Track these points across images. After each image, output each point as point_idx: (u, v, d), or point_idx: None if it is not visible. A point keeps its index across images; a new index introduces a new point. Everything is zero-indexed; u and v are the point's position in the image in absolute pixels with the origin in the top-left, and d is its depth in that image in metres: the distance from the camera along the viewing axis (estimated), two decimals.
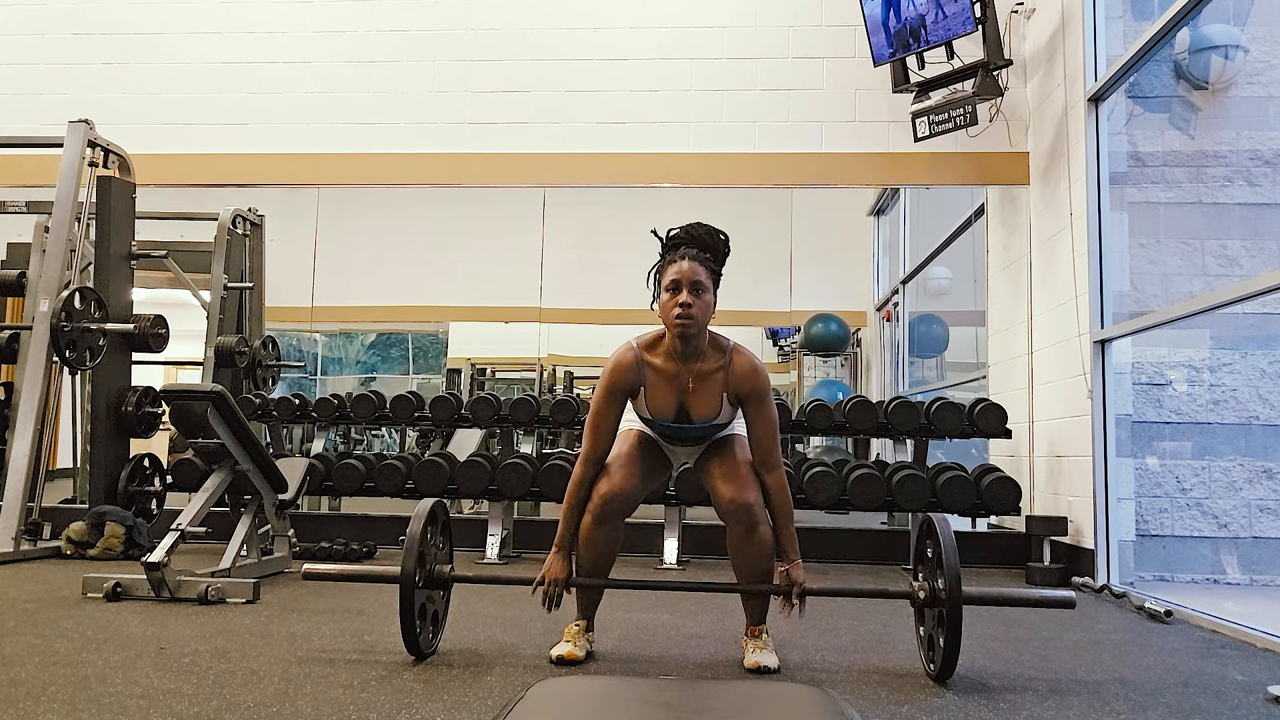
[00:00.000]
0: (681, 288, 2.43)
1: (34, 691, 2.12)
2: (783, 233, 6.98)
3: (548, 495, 4.80)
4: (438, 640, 2.67)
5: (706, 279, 2.46)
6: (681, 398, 2.55)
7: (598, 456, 2.56)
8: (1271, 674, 2.64)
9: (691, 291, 2.43)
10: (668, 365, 2.53)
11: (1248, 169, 4.54)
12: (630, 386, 2.56)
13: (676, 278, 2.44)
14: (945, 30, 4.87)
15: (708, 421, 2.57)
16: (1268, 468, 4.41)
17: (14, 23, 6.21)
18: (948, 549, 2.38)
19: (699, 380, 2.52)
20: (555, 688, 1.42)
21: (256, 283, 6.20)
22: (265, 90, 5.98)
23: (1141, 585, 4.19)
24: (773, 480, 2.54)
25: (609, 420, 2.57)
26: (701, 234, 2.51)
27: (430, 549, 2.59)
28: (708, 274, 2.46)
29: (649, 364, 2.54)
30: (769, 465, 2.54)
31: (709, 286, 2.46)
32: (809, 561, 4.97)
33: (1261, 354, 4.48)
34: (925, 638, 2.54)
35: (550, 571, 2.54)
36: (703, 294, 2.44)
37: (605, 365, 2.57)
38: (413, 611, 2.46)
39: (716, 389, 2.53)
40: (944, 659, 2.37)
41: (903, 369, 7.88)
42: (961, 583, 2.33)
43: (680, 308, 2.42)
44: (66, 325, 4.55)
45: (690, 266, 2.44)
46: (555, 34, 5.89)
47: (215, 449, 3.65)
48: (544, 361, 7.85)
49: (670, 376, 2.53)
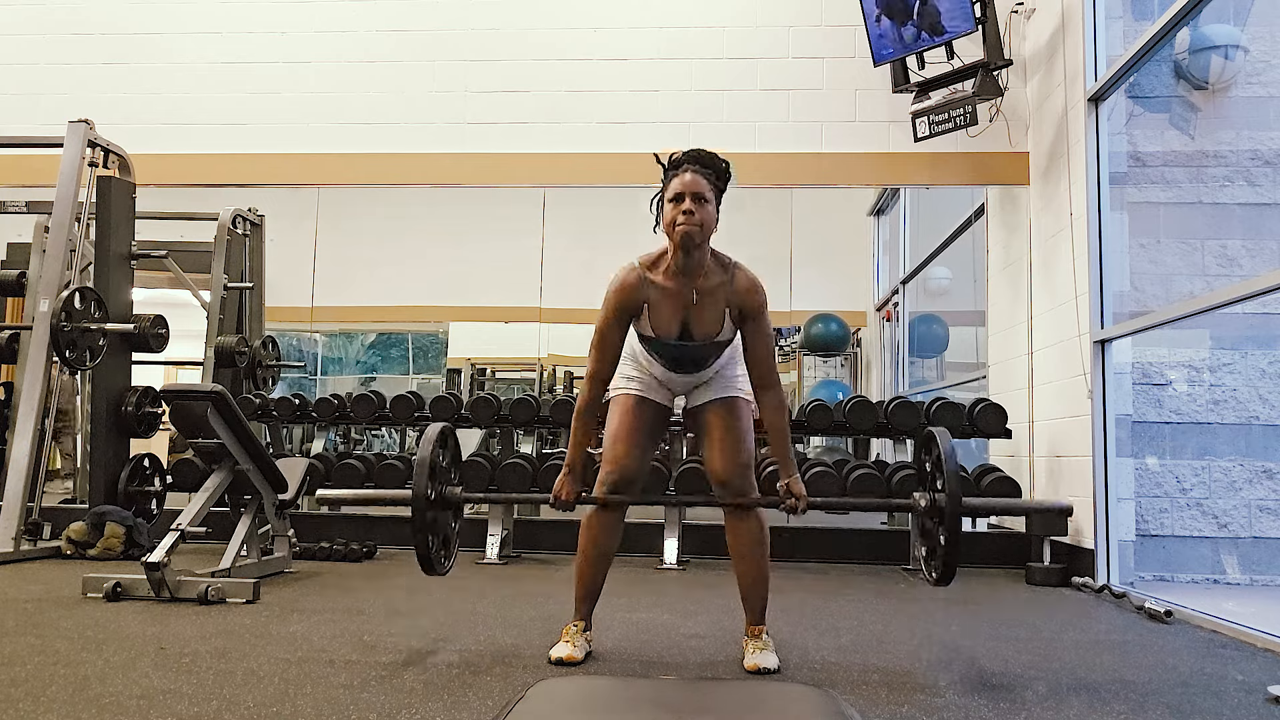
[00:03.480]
0: (684, 198, 2.47)
1: (34, 691, 2.12)
2: (783, 233, 6.98)
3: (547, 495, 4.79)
4: (450, 563, 2.70)
5: (709, 191, 2.50)
6: (685, 315, 2.57)
7: (603, 376, 2.62)
8: (1271, 674, 2.63)
9: (694, 201, 2.46)
10: (670, 283, 2.55)
11: (1248, 169, 4.54)
12: (634, 305, 2.58)
13: (680, 189, 2.48)
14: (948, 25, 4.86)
15: (709, 339, 2.60)
16: (1268, 468, 4.40)
17: (14, 23, 6.20)
18: (949, 460, 2.45)
19: (702, 296, 2.55)
20: (555, 688, 1.42)
21: (256, 283, 6.20)
22: (265, 90, 5.98)
23: (1141, 585, 4.19)
24: (770, 398, 2.61)
25: (613, 340, 2.60)
26: (704, 155, 2.55)
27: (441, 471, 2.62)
28: (710, 187, 2.51)
29: (652, 283, 2.56)
30: (767, 382, 2.61)
31: (711, 199, 2.50)
32: (809, 562, 4.99)
33: (1261, 354, 4.48)
34: (927, 548, 2.62)
35: (562, 490, 2.60)
36: (705, 204, 2.48)
37: (609, 284, 2.59)
38: (426, 529, 2.49)
39: (719, 305, 2.56)
40: (944, 563, 2.45)
41: (903, 369, 7.88)
42: (961, 490, 2.41)
43: (684, 215, 2.46)
44: (66, 325, 4.55)
45: (693, 179, 2.48)
46: (555, 34, 5.89)
47: (215, 449, 3.65)
48: (544, 361, 7.86)
49: (673, 294, 2.56)
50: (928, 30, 4.91)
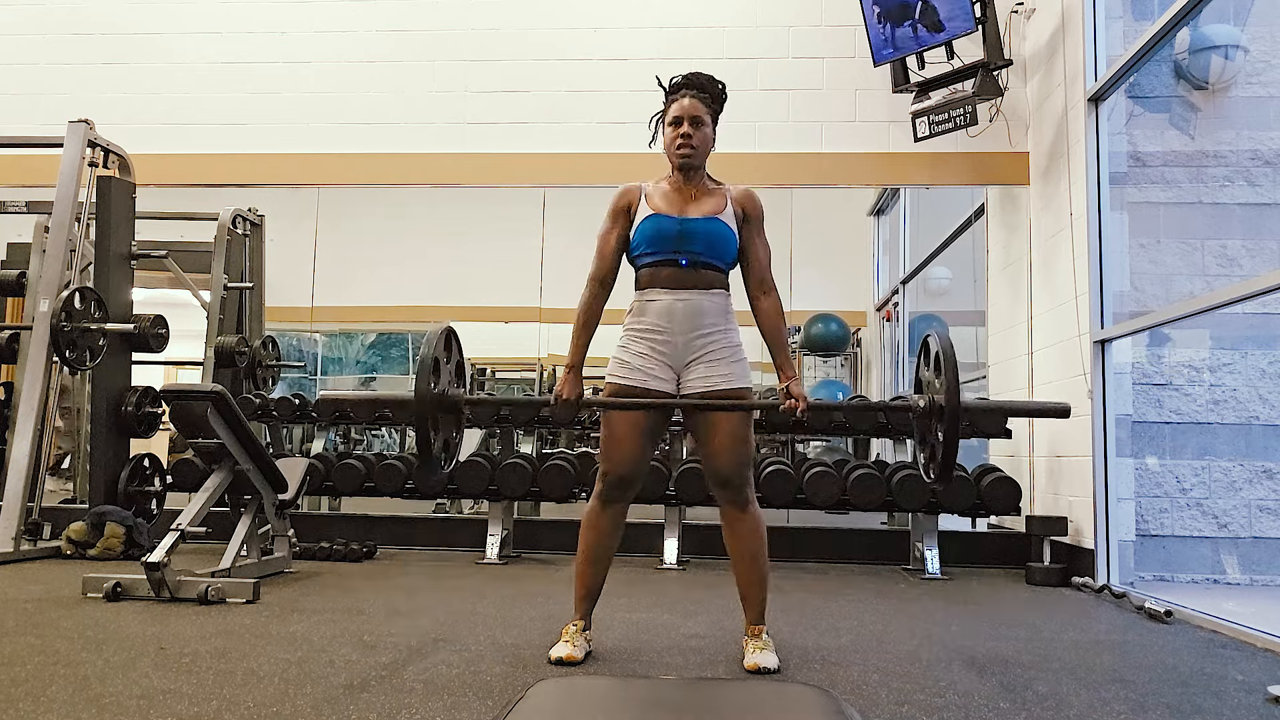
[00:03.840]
0: (683, 121, 2.62)
1: (34, 691, 2.12)
2: (783, 233, 6.95)
3: (548, 495, 4.80)
4: (451, 465, 2.70)
5: (705, 114, 2.65)
6: (685, 206, 2.67)
7: (602, 275, 2.71)
8: (1271, 674, 2.64)
9: (692, 124, 2.62)
10: (670, 190, 2.69)
11: (1248, 169, 4.54)
12: (632, 204, 2.70)
13: (678, 114, 2.64)
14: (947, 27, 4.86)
15: (712, 218, 2.65)
16: (1268, 468, 4.41)
17: (14, 23, 6.20)
18: (947, 357, 2.50)
19: (702, 194, 2.68)
20: (555, 688, 1.42)
21: (256, 283, 6.20)
22: (265, 90, 5.98)
23: (1141, 585, 4.19)
24: (768, 303, 2.70)
25: (613, 241, 2.70)
26: (702, 79, 2.67)
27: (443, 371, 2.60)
28: (707, 110, 2.65)
29: (654, 191, 2.70)
30: (765, 286, 2.71)
31: (708, 122, 2.66)
32: (808, 562, 4.99)
33: (1261, 354, 4.48)
34: (927, 451, 2.66)
35: (564, 389, 2.63)
36: (702, 127, 2.64)
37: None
38: (428, 427, 2.49)
39: (720, 200, 2.69)
40: (943, 460, 2.50)
41: (903, 369, 7.88)
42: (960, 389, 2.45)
43: (682, 139, 2.62)
44: (66, 325, 4.55)
45: (691, 103, 2.63)
46: (555, 34, 5.89)
47: (215, 449, 3.65)
48: (544, 361, 7.85)
49: (673, 195, 2.68)
50: (928, 28, 4.90)
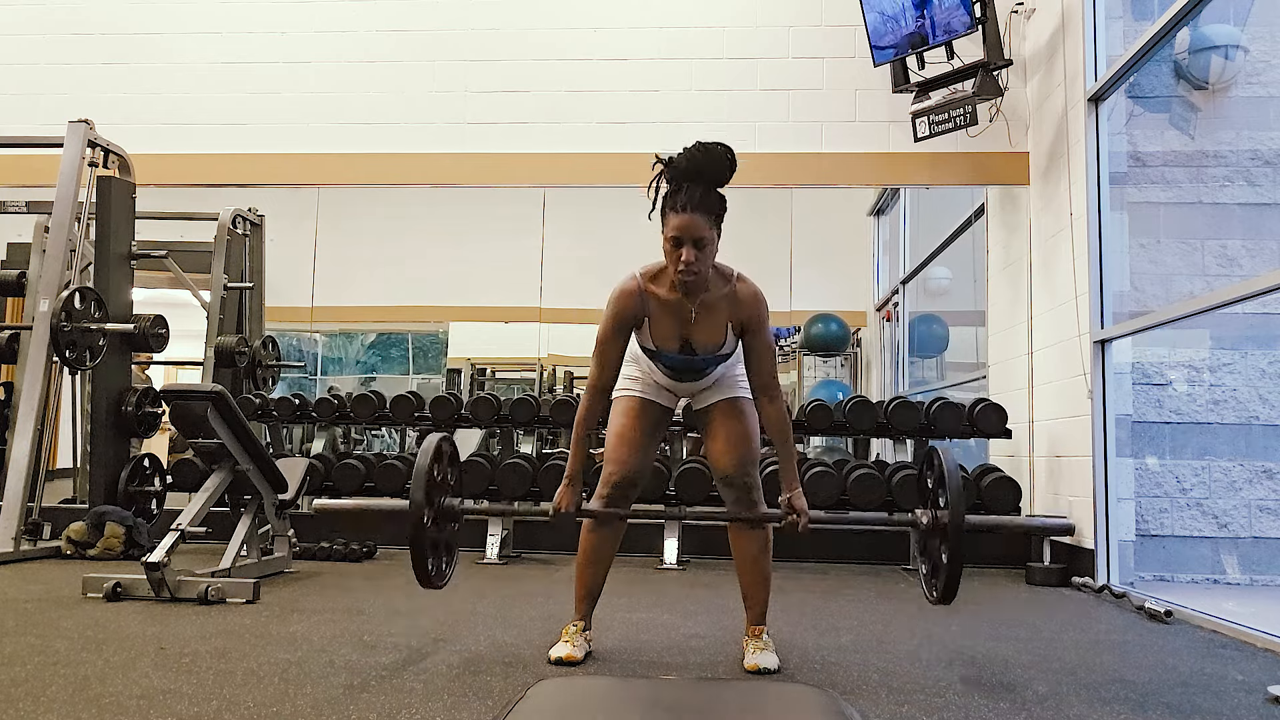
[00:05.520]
0: (683, 243, 2.38)
1: (34, 691, 2.12)
2: (783, 233, 6.96)
3: (548, 495, 4.80)
4: (450, 572, 2.66)
5: (709, 230, 2.38)
6: (686, 329, 2.54)
7: (604, 386, 2.58)
8: (1271, 674, 2.63)
9: (694, 246, 2.37)
10: (672, 296, 2.49)
11: (1248, 169, 4.54)
12: (635, 317, 2.54)
13: (678, 234, 2.38)
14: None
15: (711, 352, 2.58)
16: (1268, 468, 4.40)
17: (14, 23, 6.20)
18: (951, 476, 2.42)
19: (703, 310, 2.51)
20: (555, 688, 1.42)
21: (256, 283, 6.20)
22: (265, 90, 5.98)
23: (1141, 585, 4.19)
24: (773, 409, 2.57)
25: (614, 351, 2.56)
26: (708, 169, 2.40)
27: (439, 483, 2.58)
28: (710, 223, 2.39)
29: (653, 295, 2.52)
30: (769, 392, 2.56)
31: (711, 238, 2.40)
32: (808, 562, 4.99)
33: (1261, 354, 4.48)
34: (929, 566, 2.60)
35: (562, 502, 2.57)
36: (704, 247, 2.39)
37: (610, 296, 2.55)
38: (424, 543, 2.46)
39: (721, 319, 2.52)
40: (946, 581, 2.43)
41: (903, 369, 7.88)
42: (964, 509, 2.38)
43: (683, 265, 2.38)
44: (66, 325, 4.55)
45: (691, 221, 2.36)
46: (555, 34, 5.89)
47: (215, 449, 3.65)
48: (544, 361, 7.85)
49: (674, 308, 2.52)
50: (927, 28, 4.91)
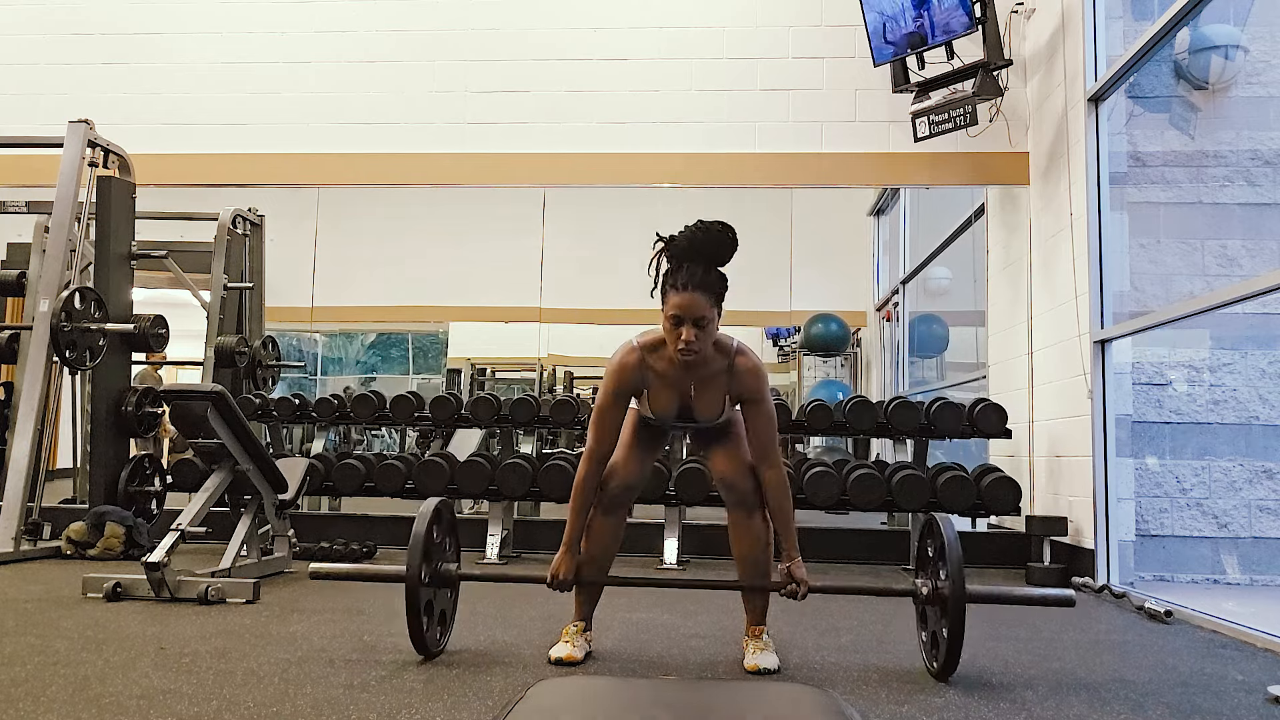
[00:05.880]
0: (683, 322, 2.37)
1: (34, 691, 2.12)
2: (783, 233, 6.97)
3: (548, 495, 4.80)
4: (446, 639, 2.66)
5: (709, 308, 2.37)
6: (684, 400, 2.56)
7: (603, 453, 2.57)
8: (1271, 674, 2.64)
9: (695, 325, 2.37)
10: (670, 368, 2.52)
11: (1248, 169, 4.54)
12: (634, 389, 2.57)
13: (678, 313, 2.37)
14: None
15: (711, 420, 2.62)
16: (1268, 468, 4.40)
17: (14, 23, 6.20)
18: (951, 548, 2.39)
19: (701, 384, 2.53)
20: (555, 688, 1.42)
21: (256, 283, 6.20)
22: (265, 90, 5.98)
23: (1141, 585, 4.19)
24: (772, 478, 2.55)
25: (613, 420, 2.57)
26: (708, 248, 2.39)
27: (436, 548, 2.59)
28: (711, 302, 2.38)
29: (652, 367, 2.53)
30: (768, 462, 2.55)
31: (712, 317, 2.39)
32: (808, 561, 4.97)
33: (1261, 354, 4.48)
34: (929, 636, 2.55)
35: (559, 570, 2.55)
36: (705, 326, 2.38)
37: (609, 365, 2.56)
38: (419, 610, 2.46)
39: (719, 392, 2.54)
40: (946, 656, 2.39)
41: (903, 369, 7.88)
42: (965, 582, 2.34)
43: (684, 344, 2.38)
44: (66, 325, 4.55)
45: (691, 300, 2.35)
46: (555, 34, 5.89)
47: (215, 449, 3.65)
48: (544, 361, 7.85)
49: (672, 381, 2.54)
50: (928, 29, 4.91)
